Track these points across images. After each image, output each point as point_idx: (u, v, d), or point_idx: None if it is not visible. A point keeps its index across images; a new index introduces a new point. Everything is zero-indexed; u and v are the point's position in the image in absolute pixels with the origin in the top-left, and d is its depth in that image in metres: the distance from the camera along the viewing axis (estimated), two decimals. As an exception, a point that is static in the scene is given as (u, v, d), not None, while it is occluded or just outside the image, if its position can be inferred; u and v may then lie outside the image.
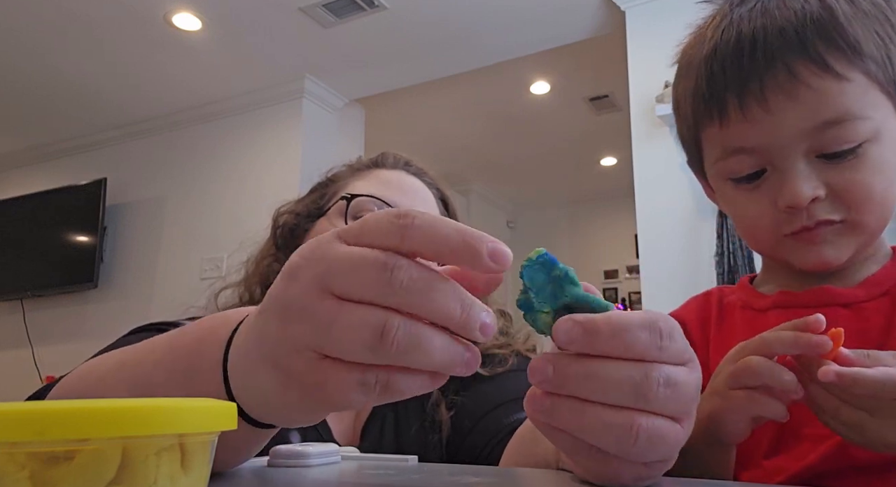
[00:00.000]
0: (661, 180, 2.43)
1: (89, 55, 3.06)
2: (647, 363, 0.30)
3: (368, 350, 0.28)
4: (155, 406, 0.22)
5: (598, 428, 0.30)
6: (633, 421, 0.30)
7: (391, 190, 0.79)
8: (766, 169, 0.53)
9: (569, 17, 2.80)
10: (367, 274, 0.28)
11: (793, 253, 0.55)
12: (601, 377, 0.30)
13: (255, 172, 3.39)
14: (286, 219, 0.83)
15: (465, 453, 0.71)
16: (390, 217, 0.30)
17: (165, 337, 0.42)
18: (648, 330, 0.30)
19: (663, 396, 0.30)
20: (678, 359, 0.31)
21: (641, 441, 0.30)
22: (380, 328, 0.28)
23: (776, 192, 0.53)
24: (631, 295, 5.47)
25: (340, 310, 0.29)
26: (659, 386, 0.30)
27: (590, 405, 0.30)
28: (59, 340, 3.62)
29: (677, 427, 0.31)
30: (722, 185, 0.58)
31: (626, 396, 0.30)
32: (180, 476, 0.24)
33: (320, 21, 2.82)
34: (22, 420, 0.21)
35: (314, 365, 0.30)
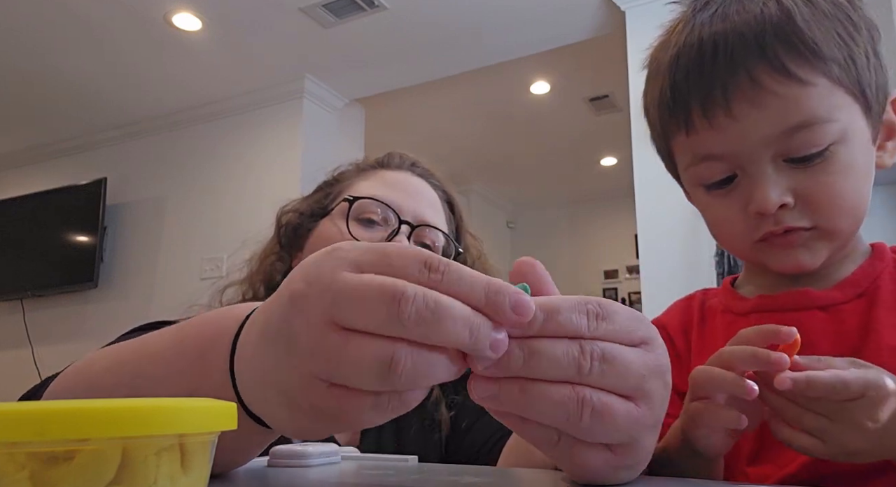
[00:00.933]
0: (661, 180, 2.41)
1: (89, 55, 3.06)
2: (581, 339, 0.31)
3: (377, 380, 0.28)
4: (155, 407, 0.22)
5: (545, 405, 0.30)
6: (577, 394, 0.30)
7: (396, 191, 0.78)
8: (736, 174, 0.54)
9: (569, 18, 2.80)
10: (376, 307, 0.28)
11: (768, 257, 0.55)
12: (541, 353, 0.30)
13: (255, 172, 3.39)
14: (290, 217, 0.83)
15: (464, 451, 0.71)
16: (418, 263, 0.30)
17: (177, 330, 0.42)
18: (577, 312, 0.31)
19: (599, 371, 0.30)
20: (620, 338, 0.32)
21: (586, 415, 0.30)
22: (388, 360, 0.28)
23: (746, 198, 0.53)
24: (631, 295, 5.47)
25: (347, 344, 0.29)
26: (594, 359, 0.30)
27: (534, 382, 0.30)
28: (59, 340, 3.62)
29: (630, 405, 0.31)
30: (695, 191, 0.58)
31: (566, 370, 0.30)
32: (180, 476, 0.24)
33: (320, 21, 2.82)
34: (22, 420, 0.21)
35: (325, 393, 0.30)
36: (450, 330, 0.28)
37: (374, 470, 0.45)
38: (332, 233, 0.77)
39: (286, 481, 0.41)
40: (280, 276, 0.80)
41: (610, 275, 5.69)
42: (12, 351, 3.73)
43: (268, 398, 0.33)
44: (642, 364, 0.32)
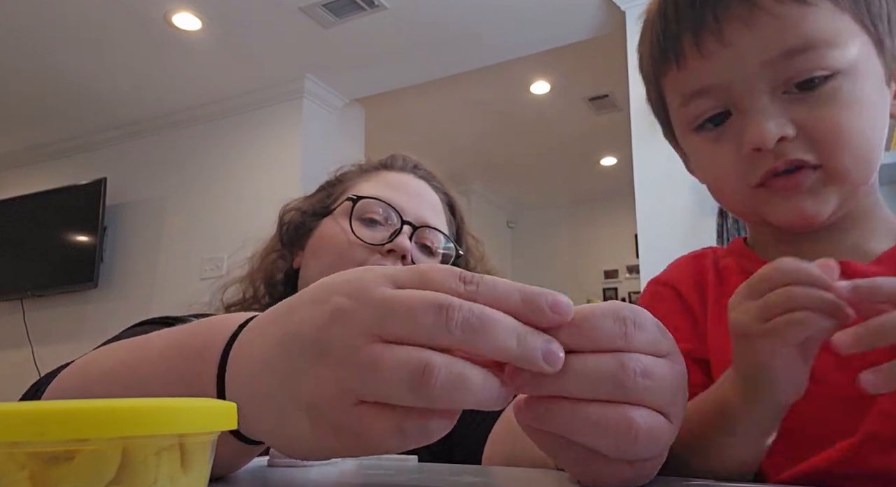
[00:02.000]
0: (661, 180, 2.43)
1: (89, 55, 3.06)
2: (620, 353, 0.29)
3: (409, 390, 0.27)
4: (155, 407, 0.22)
5: (589, 427, 0.29)
6: (626, 417, 0.29)
7: (398, 192, 0.79)
8: (729, 112, 0.49)
9: (569, 17, 2.80)
10: (423, 317, 0.28)
11: (767, 207, 0.49)
12: (576, 370, 0.29)
13: (255, 172, 3.39)
14: (292, 216, 0.84)
15: (464, 448, 0.71)
16: (454, 277, 0.30)
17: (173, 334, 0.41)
18: (612, 319, 0.30)
19: (642, 387, 0.29)
20: (652, 350, 0.31)
21: (641, 438, 0.29)
22: (421, 367, 0.27)
23: (741, 136, 0.48)
24: (631, 295, 5.47)
25: (385, 353, 0.28)
26: (636, 375, 0.29)
27: (583, 404, 0.29)
28: (59, 340, 3.62)
29: (666, 422, 0.31)
30: (687, 140, 0.54)
31: (604, 388, 0.29)
32: (180, 475, 0.24)
33: (320, 21, 2.82)
34: (22, 420, 0.21)
35: (351, 411, 0.29)
36: (498, 337, 0.28)
37: (374, 470, 0.45)
38: (335, 232, 0.77)
39: (286, 481, 0.41)
40: (281, 274, 0.81)
41: (610, 275, 5.69)
42: (12, 351, 3.72)
43: (288, 416, 0.31)
44: (676, 378, 0.31)
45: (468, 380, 0.27)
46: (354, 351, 0.29)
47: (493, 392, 0.28)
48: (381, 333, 0.29)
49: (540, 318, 0.29)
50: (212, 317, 0.41)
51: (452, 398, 0.27)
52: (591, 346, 0.30)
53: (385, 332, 0.29)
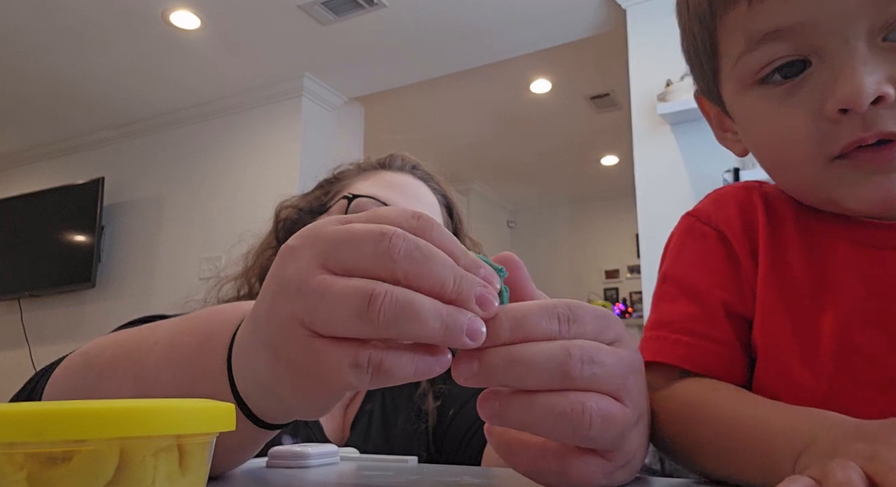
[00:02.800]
0: (662, 179, 2.43)
1: (87, 54, 3.06)
2: (565, 341, 0.30)
3: (357, 317, 0.27)
4: (153, 407, 0.22)
5: (551, 418, 0.30)
6: (580, 403, 0.30)
7: (395, 192, 0.78)
8: (808, 61, 0.39)
9: (569, 16, 2.80)
10: (366, 246, 0.29)
11: (842, 187, 0.40)
12: (524, 359, 0.29)
13: (253, 171, 3.39)
14: (288, 213, 0.83)
15: (450, 440, 0.72)
16: (406, 216, 0.30)
17: (179, 323, 0.42)
18: (546, 317, 0.30)
19: (589, 373, 0.30)
20: (599, 338, 0.32)
21: (595, 423, 0.30)
22: (368, 294, 0.27)
23: (823, 92, 0.39)
24: (632, 295, 5.47)
25: (333, 284, 0.29)
26: (582, 363, 0.30)
27: (535, 395, 0.30)
28: (57, 340, 3.62)
29: (621, 407, 0.32)
30: (743, 97, 0.44)
31: (552, 377, 0.29)
32: (178, 476, 0.24)
33: (319, 19, 2.82)
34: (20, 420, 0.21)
35: (305, 343, 0.29)
36: (439, 271, 0.28)
37: (373, 471, 0.45)
38: None
39: (285, 482, 0.41)
40: None
41: (611, 275, 5.69)
42: (10, 351, 3.73)
43: (255, 354, 0.33)
44: (621, 361, 0.32)
45: (415, 305, 0.27)
46: (305, 282, 0.29)
47: (451, 321, 0.28)
48: (327, 263, 0.29)
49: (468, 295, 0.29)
50: (213, 312, 0.42)
51: (399, 324, 0.27)
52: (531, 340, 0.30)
53: (331, 262, 0.29)
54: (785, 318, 0.44)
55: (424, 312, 0.27)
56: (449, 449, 0.72)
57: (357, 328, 0.28)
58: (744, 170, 2.20)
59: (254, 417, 0.36)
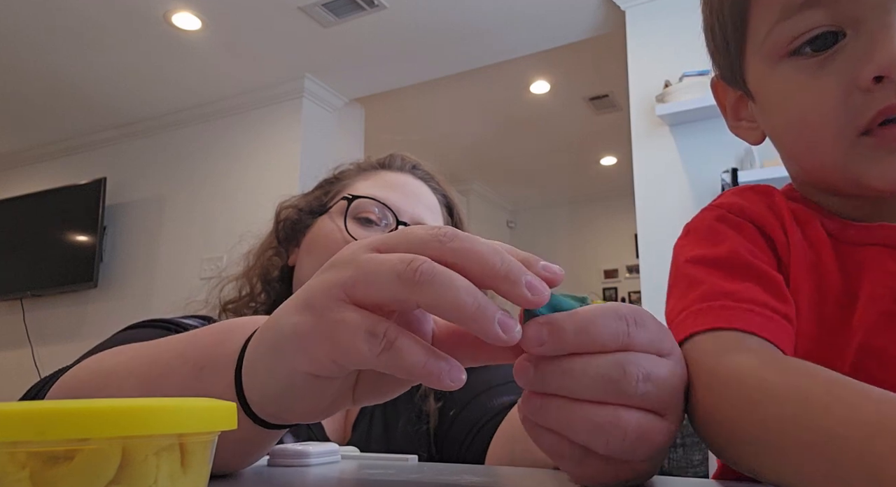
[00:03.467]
0: (661, 180, 2.43)
1: (89, 55, 3.06)
2: (623, 353, 0.30)
3: (395, 276, 0.29)
4: (155, 406, 0.22)
5: (588, 427, 0.29)
6: (618, 417, 0.29)
7: (395, 192, 0.78)
8: (842, 33, 0.39)
9: (569, 17, 2.80)
10: (418, 236, 0.31)
11: (867, 165, 0.39)
12: (577, 372, 0.29)
13: (254, 172, 3.39)
14: (288, 213, 0.83)
15: (451, 441, 0.72)
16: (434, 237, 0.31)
17: (187, 334, 0.43)
18: (614, 318, 0.30)
19: (643, 391, 0.29)
20: (654, 348, 0.31)
21: (629, 439, 0.29)
22: (410, 259, 0.29)
23: (857, 62, 0.38)
24: (631, 295, 5.47)
25: (379, 256, 0.31)
26: (638, 381, 0.29)
27: (577, 403, 0.29)
28: (59, 340, 3.62)
29: (664, 423, 0.31)
30: (772, 72, 0.43)
31: (606, 391, 0.29)
32: (180, 475, 0.24)
33: (320, 20, 2.82)
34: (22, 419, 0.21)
35: (338, 304, 0.31)
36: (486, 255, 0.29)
37: (374, 470, 0.45)
38: (330, 230, 0.77)
39: (286, 480, 0.41)
40: (276, 272, 0.81)
41: (610, 275, 5.69)
42: (12, 351, 3.73)
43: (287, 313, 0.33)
44: (675, 377, 0.31)
45: (453, 277, 0.29)
46: (356, 256, 0.32)
47: (483, 306, 0.28)
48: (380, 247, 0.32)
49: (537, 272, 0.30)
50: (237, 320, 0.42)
51: (433, 288, 0.28)
52: (595, 347, 0.29)
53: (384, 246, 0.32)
54: (813, 321, 0.43)
55: (458, 282, 0.28)
56: (450, 451, 0.72)
57: (392, 287, 0.29)
58: (742, 171, 2.20)
59: (255, 417, 0.36)
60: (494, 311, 0.28)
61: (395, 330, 0.29)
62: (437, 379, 0.29)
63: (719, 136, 2.35)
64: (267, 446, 0.40)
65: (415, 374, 0.29)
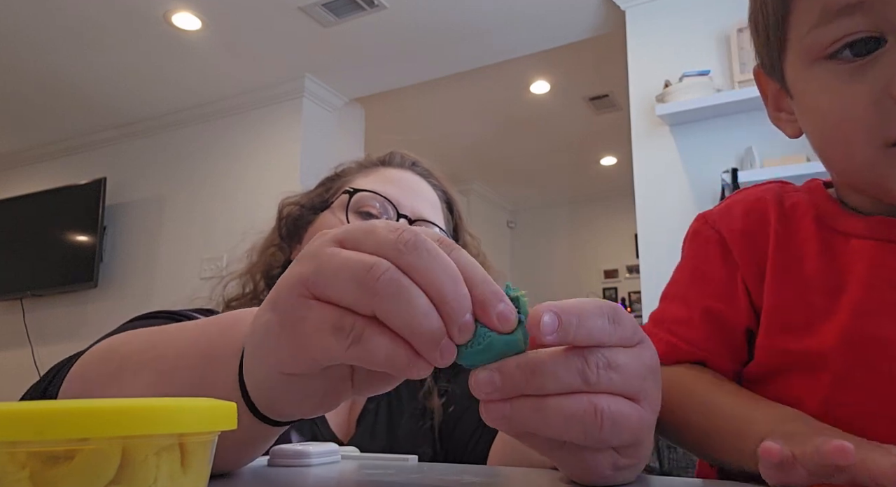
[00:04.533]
0: (661, 180, 2.43)
1: (89, 55, 3.06)
2: (586, 349, 0.30)
3: (354, 281, 0.29)
4: (155, 406, 0.22)
5: (559, 420, 0.30)
6: (593, 405, 0.30)
7: (395, 187, 0.79)
8: (883, 40, 0.39)
9: (569, 17, 2.80)
10: (381, 236, 0.30)
11: (892, 172, 0.40)
12: (548, 369, 0.29)
13: (254, 171, 3.39)
14: (291, 209, 0.84)
15: (456, 440, 0.72)
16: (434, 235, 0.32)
17: (198, 322, 0.44)
18: (600, 315, 0.31)
19: (607, 378, 0.30)
20: (626, 342, 0.32)
21: (606, 425, 0.30)
22: (371, 263, 0.29)
23: (891, 72, 0.38)
24: (631, 295, 5.47)
25: (342, 251, 0.31)
26: (599, 368, 0.30)
27: (547, 399, 0.30)
28: (59, 340, 3.62)
29: (636, 406, 0.32)
30: (808, 73, 0.43)
31: (571, 383, 0.30)
32: (180, 475, 0.24)
33: (320, 20, 2.82)
34: (22, 419, 0.21)
35: (301, 301, 0.31)
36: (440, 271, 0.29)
37: (374, 470, 0.45)
38: (332, 224, 0.78)
39: (286, 480, 0.41)
40: (279, 268, 0.81)
41: (610, 275, 5.69)
42: (12, 351, 3.73)
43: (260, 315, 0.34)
44: (642, 365, 0.32)
45: (412, 293, 0.28)
46: (320, 249, 0.31)
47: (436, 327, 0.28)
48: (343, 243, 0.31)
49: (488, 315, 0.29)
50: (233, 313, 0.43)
51: (391, 301, 0.28)
52: (588, 342, 0.30)
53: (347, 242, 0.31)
54: (795, 314, 0.46)
55: (417, 300, 0.28)
56: (455, 449, 0.72)
57: (352, 290, 0.29)
58: (742, 171, 2.20)
59: (258, 413, 0.36)
60: (441, 337, 0.28)
61: (361, 322, 0.29)
62: (406, 369, 0.29)
63: (719, 136, 2.35)
64: (266, 443, 0.40)
65: (385, 367, 0.29)
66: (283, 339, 0.31)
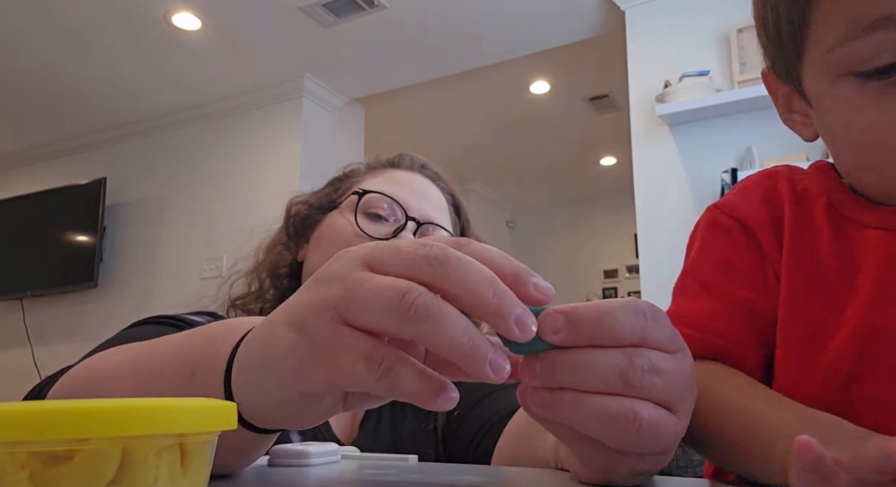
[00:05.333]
0: (660, 180, 2.43)
1: (89, 55, 3.06)
2: (631, 349, 0.30)
3: (388, 308, 0.28)
4: (155, 406, 0.22)
5: (595, 419, 0.29)
6: (631, 410, 0.29)
7: (404, 189, 0.79)
8: None
9: (568, 17, 2.81)
10: (409, 254, 0.30)
11: None
12: (586, 365, 0.29)
13: (254, 172, 3.39)
14: (299, 208, 0.84)
15: (459, 441, 0.72)
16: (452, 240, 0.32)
17: (182, 334, 0.44)
18: (632, 312, 0.30)
19: (650, 383, 0.29)
20: (666, 346, 0.31)
21: (644, 431, 0.29)
22: (404, 289, 0.28)
23: None
24: (630, 295, 5.47)
25: (373, 277, 0.30)
26: (643, 372, 0.29)
27: (588, 395, 0.29)
28: (59, 340, 3.62)
29: (674, 417, 0.31)
30: (832, 88, 0.41)
31: (613, 383, 0.29)
32: (180, 475, 0.24)
33: (320, 20, 2.82)
34: (22, 419, 0.21)
35: (333, 326, 0.30)
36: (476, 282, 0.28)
37: (374, 470, 0.45)
38: (340, 225, 0.78)
39: (286, 481, 0.41)
40: (285, 267, 0.82)
41: (609, 275, 5.69)
42: (12, 351, 3.73)
43: (275, 333, 0.33)
44: (684, 373, 0.31)
45: (446, 313, 0.28)
46: (347, 273, 0.31)
47: (476, 346, 0.28)
48: (371, 265, 0.31)
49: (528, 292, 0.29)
50: (229, 320, 0.43)
51: (427, 325, 0.28)
52: (609, 341, 0.29)
53: (374, 265, 0.31)
54: (809, 302, 0.44)
55: (454, 321, 0.28)
56: (458, 451, 0.72)
57: (386, 319, 0.29)
58: (742, 171, 2.20)
59: (246, 423, 0.36)
60: (487, 352, 0.28)
61: (392, 355, 0.29)
62: (431, 402, 0.29)
63: (719, 136, 2.35)
64: (263, 447, 0.40)
65: (411, 399, 0.29)
66: (311, 363, 0.31)
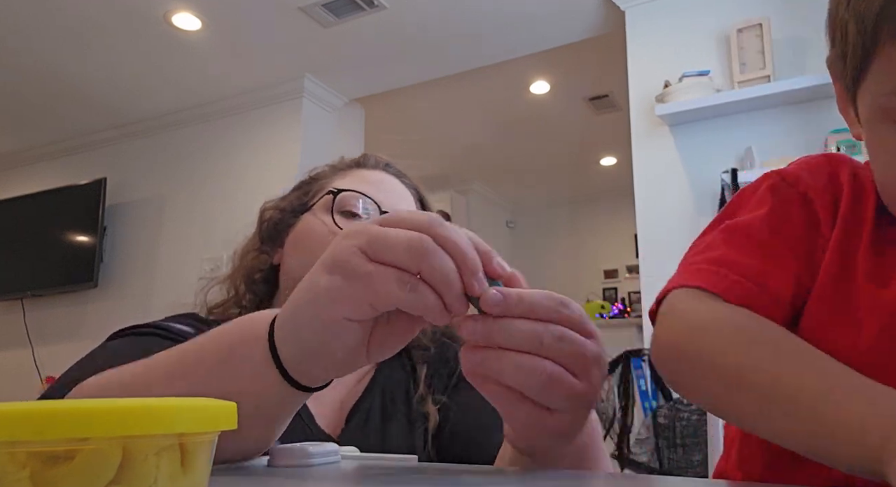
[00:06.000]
0: (660, 180, 2.43)
1: (89, 55, 3.06)
2: (547, 323, 0.38)
3: (405, 249, 0.38)
4: (155, 406, 0.22)
5: (513, 368, 0.38)
6: (541, 364, 0.38)
7: (374, 187, 0.81)
8: None
9: (568, 17, 2.81)
10: (414, 217, 0.40)
11: None
12: (510, 329, 0.38)
13: (254, 172, 3.39)
14: (271, 213, 0.86)
15: (445, 451, 0.73)
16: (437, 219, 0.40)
17: (207, 332, 0.48)
18: (548, 298, 0.39)
19: (557, 347, 0.38)
20: (578, 327, 0.39)
21: (543, 378, 0.38)
22: (415, 236, 0.38)
23: None
24: (630, 295, 5.47)
25: (390, 229, 0.39)
26: (553, 338, 0.38)
27: (509, 352, 0.38)
28: (59, 340, 3.62)
29: (574, 380, 0.39)
30: (878, 126, 0.43)
31: (529, 342, 0.38)
32: (180, 475, 0.24)
33: (320, 21, 2.82)
34: (22, 419, 0.21)
35: (364, 263, 0.39)
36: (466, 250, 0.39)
37: (374, 470, 0.45)
38: (316, 226, 0.79)
39: (286, 480, 0.41)
40: (260, 273, 0.82)
41: (609, 275, 5.69)
42: (12, 351, 3.72)
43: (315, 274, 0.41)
44: (589, 350, 0.39)
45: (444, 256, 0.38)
46: (368, 226, 0.40)
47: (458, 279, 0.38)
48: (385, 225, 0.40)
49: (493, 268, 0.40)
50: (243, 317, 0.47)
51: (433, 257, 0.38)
52: (531, 317, 0.38)
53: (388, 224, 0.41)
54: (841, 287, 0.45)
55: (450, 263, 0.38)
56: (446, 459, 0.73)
57: (405, 256, 0.38)
58: (742, 171, 2.20)
59: (287, 376, 0.42)
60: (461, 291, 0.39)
61: (414, 279, 0.38)
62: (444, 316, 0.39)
63: (719, 136, 2.35)
64: (289, 415, 0.46)
65: (427, 311, 0.38)
66: (350, 290, 0.39)
